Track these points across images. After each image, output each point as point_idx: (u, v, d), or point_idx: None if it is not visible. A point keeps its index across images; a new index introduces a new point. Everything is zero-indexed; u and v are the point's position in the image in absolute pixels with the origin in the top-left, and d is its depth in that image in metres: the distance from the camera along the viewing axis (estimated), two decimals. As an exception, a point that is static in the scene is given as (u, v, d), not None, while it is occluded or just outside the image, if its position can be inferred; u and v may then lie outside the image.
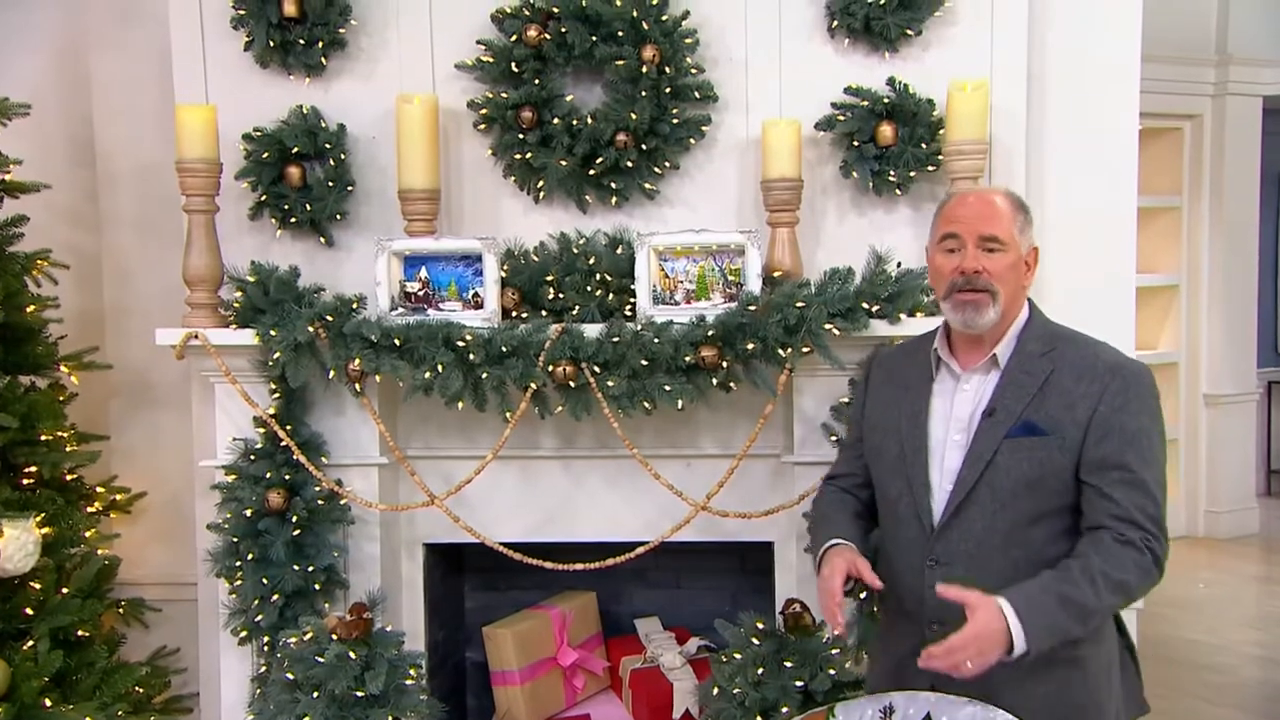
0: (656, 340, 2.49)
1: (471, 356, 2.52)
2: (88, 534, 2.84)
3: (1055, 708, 1.77)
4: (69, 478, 2.88)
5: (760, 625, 2.49)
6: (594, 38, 2.65)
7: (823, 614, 1.84)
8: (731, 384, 2.55)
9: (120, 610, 3.01)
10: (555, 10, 2.65)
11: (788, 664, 2.40)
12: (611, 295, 2.66)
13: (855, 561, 1.84)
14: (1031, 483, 1.76)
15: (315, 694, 2.42)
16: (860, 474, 2.04)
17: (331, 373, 2.60)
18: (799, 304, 2.46)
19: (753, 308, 2.49)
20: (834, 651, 2.42)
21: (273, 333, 2.57)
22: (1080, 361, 1.79)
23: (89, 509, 2.94)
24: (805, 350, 2.47)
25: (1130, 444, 1.73)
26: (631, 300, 2.63)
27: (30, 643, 2.52)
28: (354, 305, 2.63)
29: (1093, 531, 1.73)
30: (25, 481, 2.74)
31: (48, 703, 2.46)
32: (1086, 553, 1.71)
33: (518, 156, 2.73)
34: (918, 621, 1.84)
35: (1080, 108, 2.79)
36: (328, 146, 2.72)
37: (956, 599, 1.65)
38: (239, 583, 2.65)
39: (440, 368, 2.52)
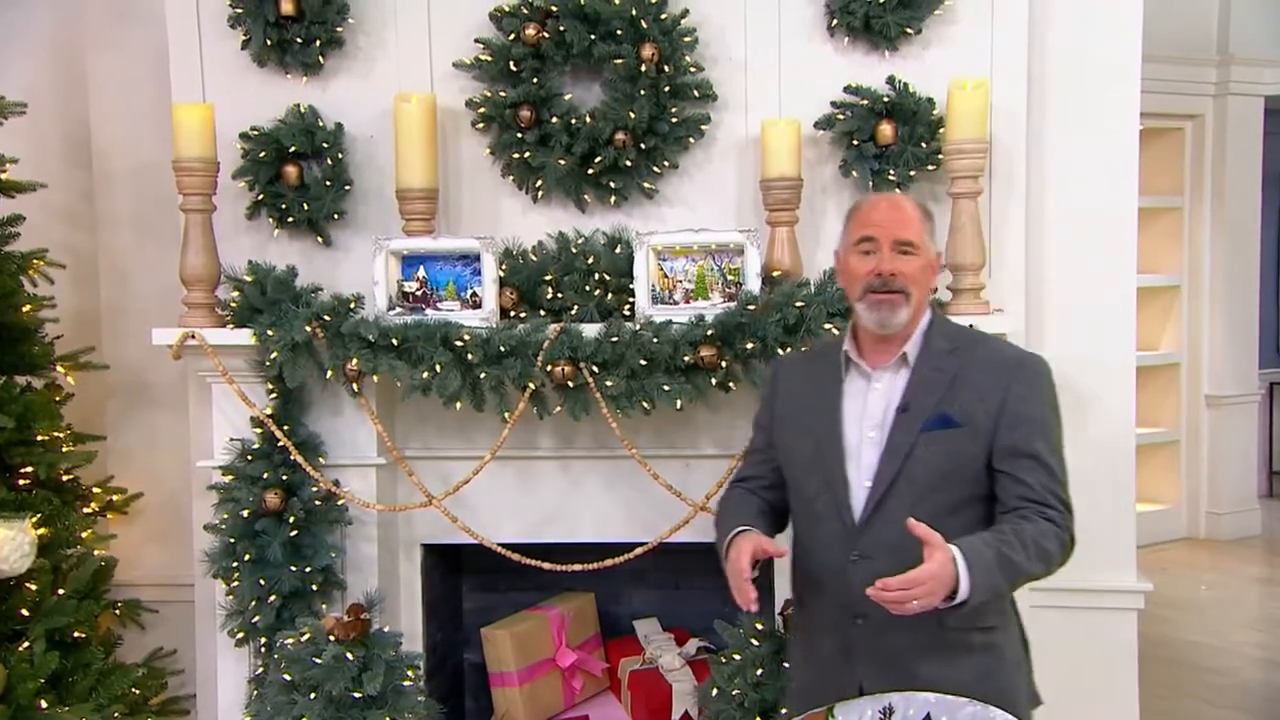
0: (655, 340, 2.50)
1: (470, 356, 2.52)
2: (84, 535, 2.84)
3: (975, 694, 1.79)
4: (65, 478, 2.89)
5: (759, 626, 2.49)
6: (593, 36, 2.65)
7: (734, 594, 1.87)
8: (731, 384, 2.55)
9: (117, 611, 3.01)
10: (554, 9, 2.66)
11: (786, 665, 2.39)
12: (610, 295, 2.66)
13: (759, 542, 1.89)
14: (947, 473, 1.85)
15: (312, 695, 2.42)
16: (767, 477, 2.09)
17: (329, 373, 2.60)
18: (798, 303, 2.46)
19: (752, 307, 2.49)
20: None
21: (270, 332, 2.57)
22: (986, 357, 1.90)
23: (85, 510, 2.94)
24: (804, 350, 2.47)
25: (1037, 432, 1.84)
26: (630, 300, 2.63)
27: (26, 644, 2.52)
28: (351, 305, 2.63)
29: (1013, 511, 1.81)
30: (21, 482, 2.74)
31: (44, 704, 2.46)
32: (1016, 522, 1.79)
33: (516, 155, 2.73)
34: (841, 618, 1.90)
35: (1081, 107, 2.80)
36: (325, 145, 2.72)
37: (923, 535, 1.69)
38: (236, 583, 2.65)
39: (438, 367, 2.52)
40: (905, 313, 1.88)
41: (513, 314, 2.66)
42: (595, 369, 2.52)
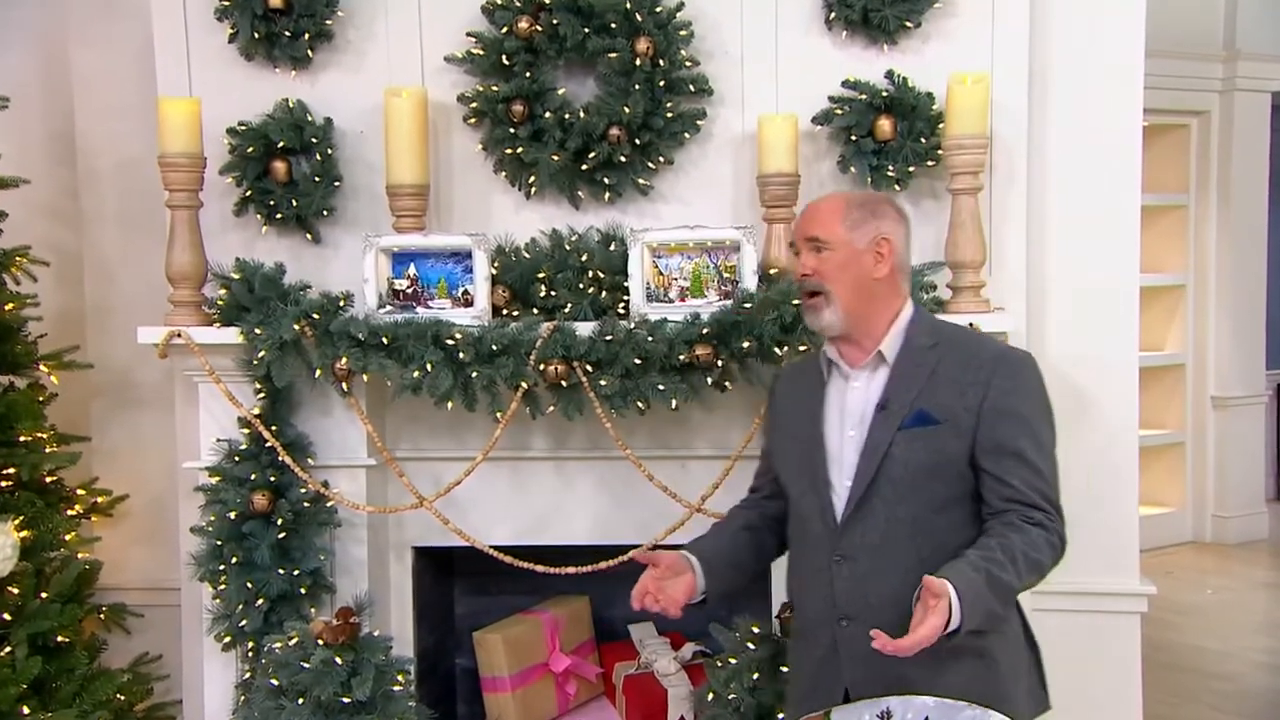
0: (650, 339, 2.50)
1: (461, 355, 2.52)
2: (68, 537, 2.84)
3: (965, 698, 1.80)
4: (49, 480, 2.89)
5: (756, 629, 2.50)
6: (586, 30, 2.66)
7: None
8: (727, 383, 2.56)
9: (101, 615, 3.02)
10: (547, 2, 2.66)
11: (784, 669, 2.40)
12: (604, 293, 2.67)
13: (671, 566, 1.97)
14: (929, 471, 1.83)
15: (300, 700, 2.42)
16: (767, 487, 2.12)
17: (318, 372, 2.60)
18: (796, 301, 2.46)
19: (748, 305, 2.50)
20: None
21: (258, 331, 2.58)
22: (967, 352, 1.88)
23: (69, 512, 2.95)
24: (801, 349, 2.48)
25: (1022, 429, 1.82)
26: (625, 298, 2.64)
27: (8, 649, 2.53)
28: (341, 303, 2.64)
29: (999, 515, 1.80)
30: (4, 484, 2.75)
31: (26, 710, 2.47)
32: (1003, 533, 1.77)
33: (508, 151, 2.74)
34: (827, 620, 1.90)
35: (1083, 103, 2.81)
36: (314, 141, 2.72)
37: (928, 586, 1.65)
38: (223, 587, 2.65)
39: (429, 367, 2.53)
40: (830, 313, 1.88)
41: (505, 312, 2.67)
42: (589, 368, 2.53)
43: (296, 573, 2.64)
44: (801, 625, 2.05)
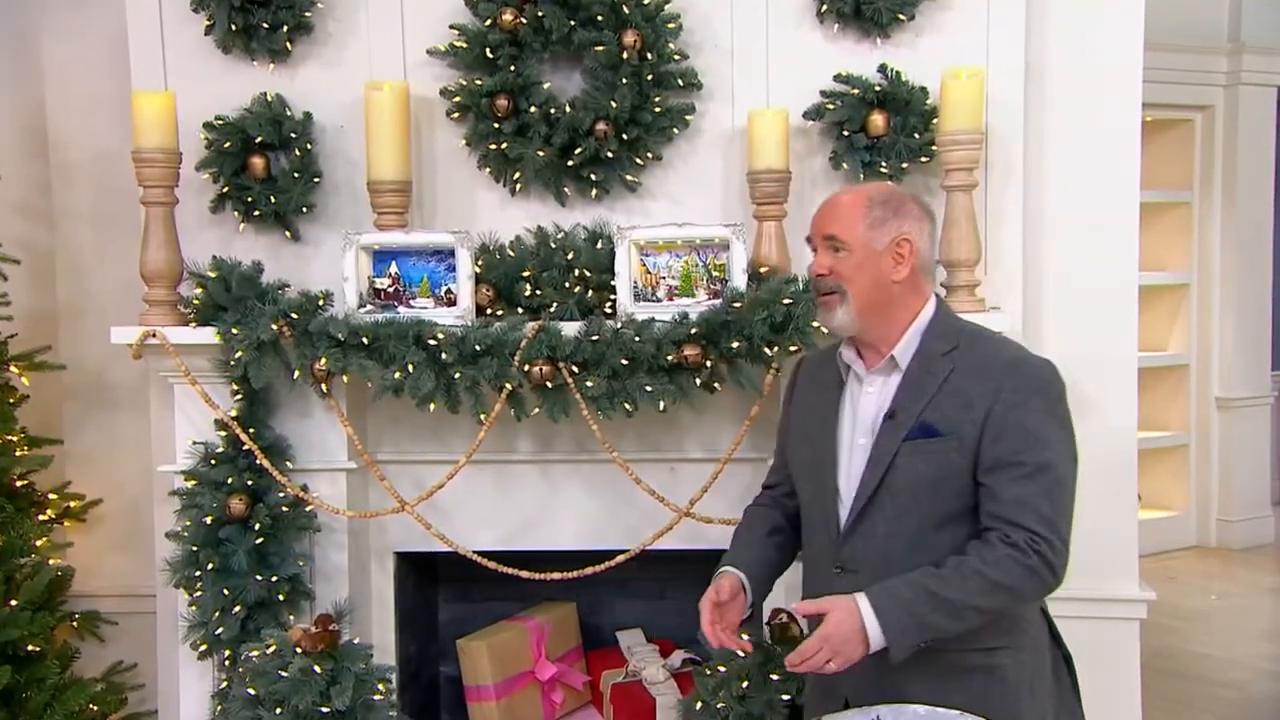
0: (637, 339, 2.52)
1: (444, 356, 2.53)
2: (39, 543, 2.85)
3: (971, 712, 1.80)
4: (19, 484, 2.90)
5: (745, 637, 2.50)
6: (572, 22, 2.67)
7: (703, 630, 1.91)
8: (716, 384, 2.57)
9: (74, 623, 3.02)
10: (532, -7, 2.68)
11: (774, 677, 2.42)
12: (591, 291, 2.68)
13: (734, 590, 1.93)
14: (931, 485, 1.80)
15: (278, 710, 2.43)
16: (786, 483, 2.08)
17: (296, 373, 2.61)
18: (786, 301, 2.49)
19: (738, 304, 2.51)
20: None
21: (235, 331, 2.58)
22: (979, 359, 1.82)
23: (41, 517, 2.95)
24: (793, 349, 2.50)
25: (1026, 443, 1.75)
26: (612, 297, 2.65)
27: (-22, 657, 2.53)
28: (320, 302, 2.65)
29: (984, 533, 1.77)
30: (-28, 488, 2.75)
31: (-5, 720, 2.47)
32: (969, 551, 1.75)
33: (493, 147, 2.75)
34: None
35: (1081, 98, 2.82)
36: (293, 136, 2.73)
37: (814, 611, 1.73)
38: (199, 594, 2.66)
39: (411, 367, 2.54)
40: (842, 313, 1.84)
41: (489, 312, 2.68)
42: (575, 369, 2.54)
43: (275, 579, 2.64)
44: (810, 633, 2.03)
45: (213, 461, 2.69)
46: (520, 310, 2.68)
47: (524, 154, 2.72)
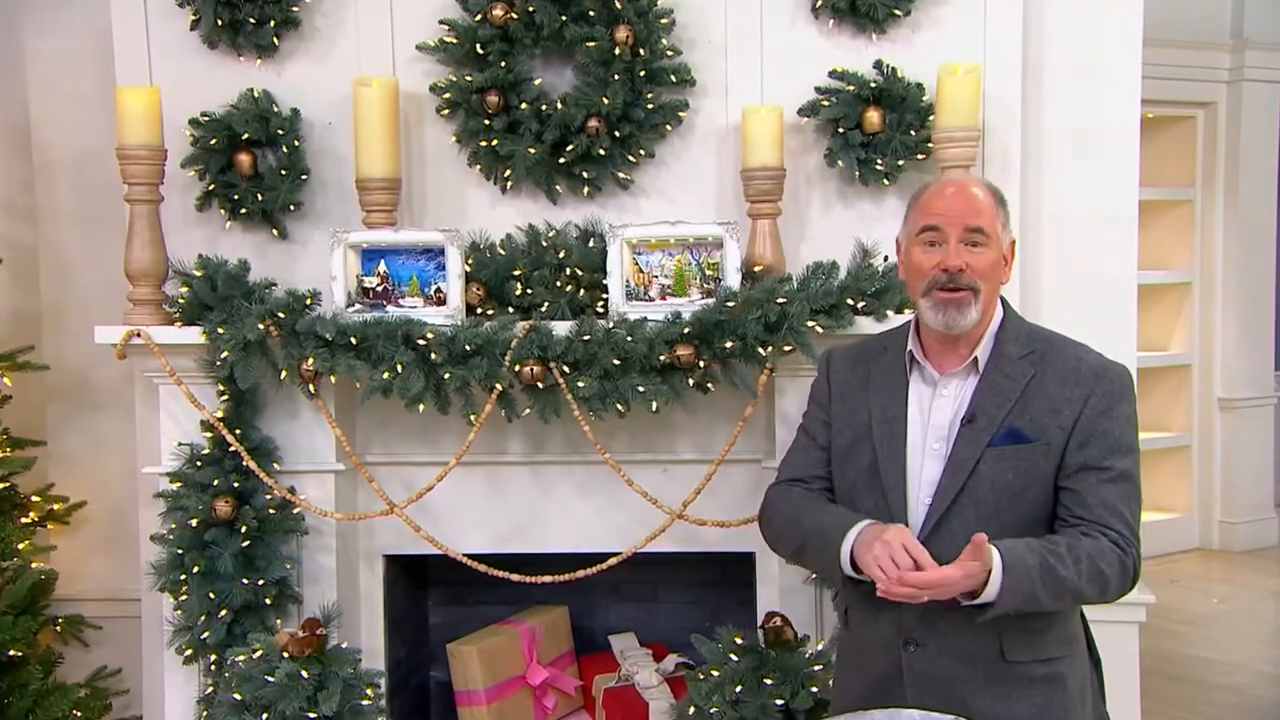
0: (630, 338, 2.52)
1: (433, 356, 2.54)
2: (21, 546, 2.85)
3: None
4: (1, 486, 2.89)
5: (739, 640, 2.52)
6: (564, 17, 2.68)
7: (889, 584, 1.71)
8: (709, 385, 2.58)
9: (57, 628, 3.03)
10: (523, -12, 2.68)
11: (768, 681, 2.42)
12: (582, 291, 2.69)
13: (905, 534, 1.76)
14: (1017, 493, 1.79)
15: (265, 716, 2.43)
16: (829, 478, 1.99)
17: (284, 373, 2.61)
18: (780, 300, 2.49)
19: (731, 304, 2.52)
20: (817, 668, 2.45)
21: (220, 331, 2.58)
22: (1064, 364, 1.83)
23: (23, 520, 2.95)
24: (787, 349, 2.51)
25: (1111, 449, 1.78)
26: (604, 296, 2.66)
27: (-41, 662, 2.54)
28: (308, 301, 2.65)
29: (1071, 528, 1.77)
30: (-46, 491, 2.75)
31: (-23, 726, 2.47)
32: (1073, 535, 1.75)
33: (483, 144, 2.75)
34: (893, 643, 1.86)
35: (1079, 95, 2.83)
36: (280, 132, 2.73)
37: (976, 543, 1.66)
38: (184, 598, 2.66)
39: (400, 368, 2.54)
40: (974, 312, 1.80)
41: (479, 311, 2.68)
42: (566, 369, 2.55)
43: (261, 582, 2.64)
44: (860, 643, 1.97)
45: (198, 463, 2.68)
46: (511, 310, 2.68)
47: (515, 151, 2.73)
